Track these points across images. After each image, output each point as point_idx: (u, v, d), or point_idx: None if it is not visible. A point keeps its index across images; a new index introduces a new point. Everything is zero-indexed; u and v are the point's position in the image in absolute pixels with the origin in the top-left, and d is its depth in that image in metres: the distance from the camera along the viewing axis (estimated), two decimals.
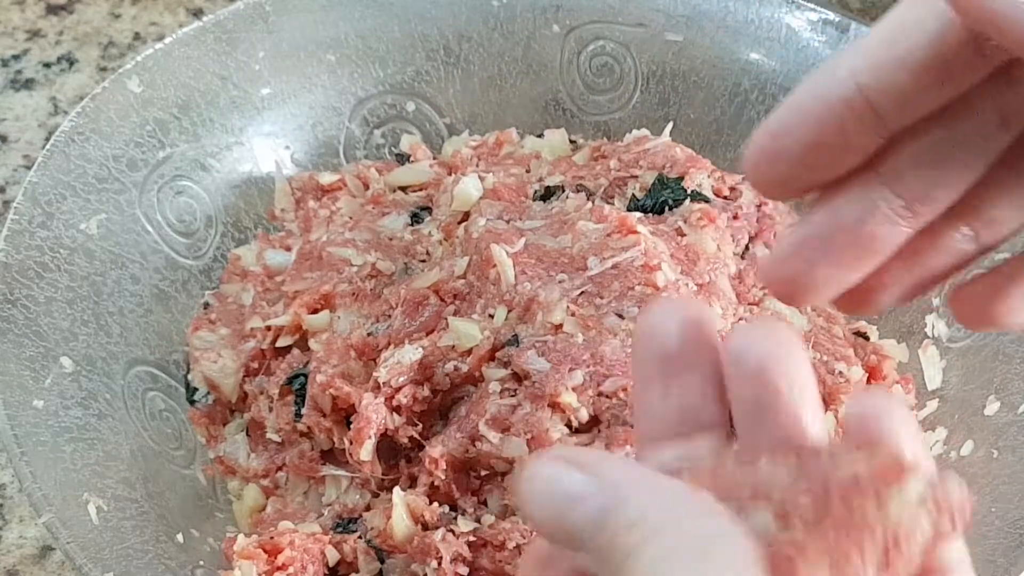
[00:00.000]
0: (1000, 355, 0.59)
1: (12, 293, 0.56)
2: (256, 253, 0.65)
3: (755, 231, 0.63)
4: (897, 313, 0.64)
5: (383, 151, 0.70)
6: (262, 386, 0.59)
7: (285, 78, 0.68)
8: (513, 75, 0.71)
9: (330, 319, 0.59)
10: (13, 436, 0.52)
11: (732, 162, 0.68)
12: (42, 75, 0.79)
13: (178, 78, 0.65)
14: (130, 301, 0.60)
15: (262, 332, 0.60)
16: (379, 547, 0.54)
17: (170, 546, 0.54)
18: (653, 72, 0.70)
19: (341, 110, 0.69)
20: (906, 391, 0.60)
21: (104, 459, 0.54)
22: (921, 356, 0.62)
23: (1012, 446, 0.56)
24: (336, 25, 0.69)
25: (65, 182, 0.60)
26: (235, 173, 0.66)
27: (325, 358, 0.57)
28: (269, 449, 0.59)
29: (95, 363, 0.57)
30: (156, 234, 0.63)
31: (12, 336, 0.55)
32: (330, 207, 0.66)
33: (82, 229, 0.60)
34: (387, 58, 0.69)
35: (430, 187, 0.67)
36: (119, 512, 0.53)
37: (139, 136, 0.63)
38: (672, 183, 0.62)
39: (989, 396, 0.58)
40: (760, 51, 0.69)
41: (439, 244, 0.61)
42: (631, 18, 0.70)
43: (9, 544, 0.60)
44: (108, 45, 0.81)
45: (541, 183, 0.64)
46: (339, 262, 0.61)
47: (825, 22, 0.68)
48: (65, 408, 0.55)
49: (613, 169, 0.64)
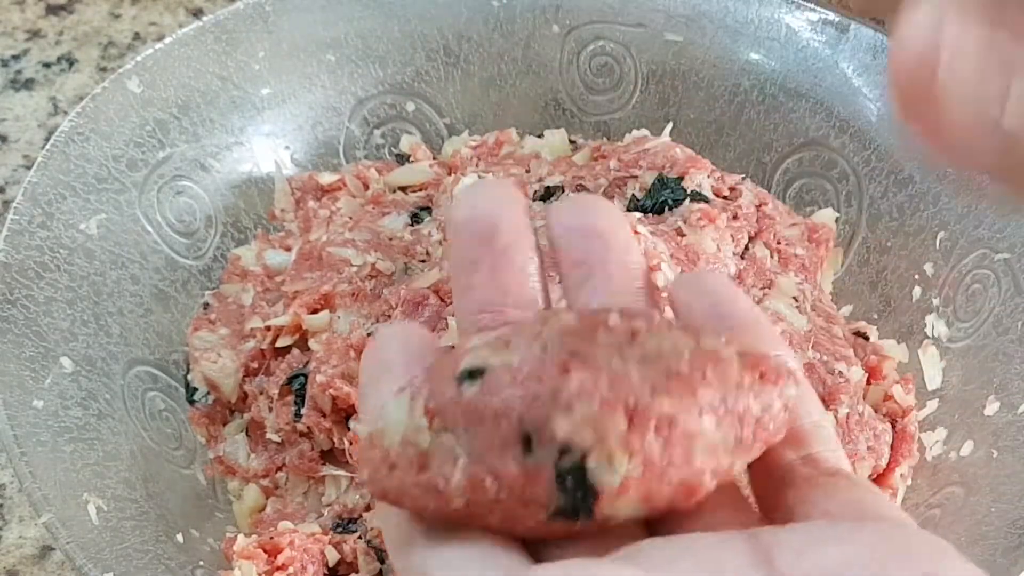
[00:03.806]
0: (1000, 355, 0.59)
1: (12, 293, 0.56)
2: (256, 253, 0.65)
3: (755, 231, 0.63)
4: (897, 313, 0.64)
5: (383, 151, 0.70)
6: (262, 386, 0.59)
7: (285, 78, 0.68)
8: (513, 75, 0.71)
9: (330, 319, 0.59)
10: (13, 436, 0.52)
11: (732, 162, 0.68)
12: (42, 75, 0.79)
13: (178, 78, 0.65)
14: (130, 301, 0.60)
15: (262, 332, 0.60)
16: (379, 547, 0.54)
17: (170, 546, 0.54)
18: (653, 72, 0.70)
19: (341, 110, 0.69)
20: (906, 391, 0.60)
21: (104, 459, 0.54)
22: (921, 356, 0.62)
23: (1012, 446, 0.56)
24: (336, 25, 0.68)
25: (65, 182, 0.60)
26: (235, 173, 0.66)
27: (325, 358, 0.57)
28: (269, 449, 0.59)
29: (95, 363, 0.57)
30: (156, 234, 0.63)
31: (12, 336, 0.55)
32: (330, 207, 0.66)
33: (82, 229, 0.60)
34: (387, 58, 0.69)
35: (430, 187, 0.67)
36: (119, 512, 0.53)
37: (139, 136, 0.63)
38: (672, 183, 0.62)
39: (989, 396, 0.58)
40: (760, 51, 0.69)
41: (439, 244, 0.61)
42: (631, 18, 0.70)
43: (9, 544, 0.60)
44: (108, 45, 0.81)
45: (541, 183, 0.64)
46: (339, 262, 0.61)
47: (825, 22, 0.68)
48: (65, 408, 0.55)
49: (613, 169, 0.64)
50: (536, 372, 0.27)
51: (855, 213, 0.66)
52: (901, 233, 0.65)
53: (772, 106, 0.68)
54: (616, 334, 0.28)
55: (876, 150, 0.66)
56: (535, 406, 0.27)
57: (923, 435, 0.59)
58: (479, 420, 0.27)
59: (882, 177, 0.66)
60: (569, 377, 0.27)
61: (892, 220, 0.65)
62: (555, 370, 0.27)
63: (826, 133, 0.67)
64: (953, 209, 0.63)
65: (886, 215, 0.65)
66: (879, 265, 0.65)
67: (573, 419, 0.27)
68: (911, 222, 0.64)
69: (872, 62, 0.66)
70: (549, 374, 0.27)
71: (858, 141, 0.66)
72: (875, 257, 0.65)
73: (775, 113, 0.68)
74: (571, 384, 0.27)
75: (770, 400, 0.28)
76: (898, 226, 0.65)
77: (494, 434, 0.27)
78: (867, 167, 0.66)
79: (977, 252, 0.61)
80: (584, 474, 0.27)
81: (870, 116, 0.66)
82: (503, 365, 0.28)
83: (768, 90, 0.68)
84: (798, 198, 0.68)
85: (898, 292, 0.64)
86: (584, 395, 0.27)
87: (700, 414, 0.27)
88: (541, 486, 0.27)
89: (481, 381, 0.28)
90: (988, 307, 0.60)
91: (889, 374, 0.61)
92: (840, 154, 0.67)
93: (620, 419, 0.27)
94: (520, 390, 0.27)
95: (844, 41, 0.67)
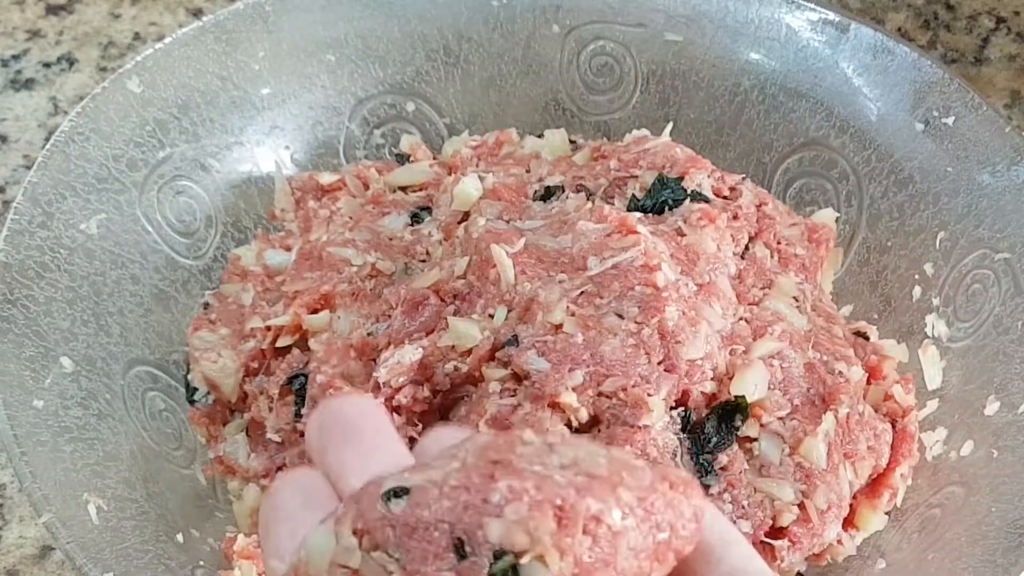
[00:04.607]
0: (1000, 355, 0.59)
1: (12, 293, 0.56)
2: (256, 253, 0.65)
3: (755, 231, 0.63)
4: (897, 313, 0.64)
5: (383, 151, 0.70)
6: (262, 386, 0.59)
7: (285, 78, 0.68)
8: (513, 75, 0.71)
9: (330, 319, 0.59)
10: (13, 436, 0.52)
11: (732, 162, 0.68)
12: (42, 75, 0.79)
13: (178, 78, 0.65)
14: (130, 301, 0.60)
15: (262, 332, 0.60)
16: None
17: (170, 546, 0.54)
18: (653, 72, 0.70)
19: (341, 110, 0.69)
20: (906, 391, 0.60)
21: (104, 459, 0.54)
22: (921, 356, 0.62)
23: (1012, 446, 0.56)
24: (336, 25, 0.69)
25: (65, 182, 0.60)
26: (235, 173, 0.66)
27: (325, 358, 0.57)
28: (269, 449, 0.59)
29: (95, 363, 0.57)
30: (156, 234, 0.63)
31: (12, 336, 0.55)
32: (330, 207, 0.66)
33: (82, 229, 0.60)
34: (387, 58, 0.69)
35: (430, 187, 0.67)
36: (119, 512, 0.53)
37: (139, 136, 0.63)
38: (672, 183, 0.62)
39: (989, 396, 0.58)
40: (760, 51, 0.69)
41: (439, 244, 0.61)
42: (631, 18, 0.70)
43: (9, 544, 0.60)
44: (108, 45, 0.81)
45: (541, 183, 0.64)
46: (339, 262, 0.61)
47: (825, 22, 0.68)
48: (65, 408, 0.55)
49: (613, 169, 0.64)
50: (463, 483, 0.28)
51: (855, 213, 0.66)
52: (901, 233, 0.65)
53: (772, 106, 0.68)
54: (534, 446, 0.29)
55: (876, 150, 0.66)
56: (467, 514, 0.28)
57: (923, 435, 0.59)
58: (410, 533, 0.28)
59: (882, 177, 0.66)
60: (496, 483, 0.28)
61: (892, 220, 0.65)
62: (481, 479, 0.28)
63: (826, 133, 0.67)
64: (953, 209, 0.63)
65: (886, 215, 0.65)
66: (879, 265, 0.65)
67: (506, 522, 0.27)
68: (911, 222, 0.64)
69: (872, 62, 0.66)
70: (476, 484, 0.28)
71: (858, 141, 0.66)
72: (875, 257, 0.65)
73: (775, 113, 0.68)
74: (500, 489, 0.28)
75: (681, 507, 0.29)
76: (898, 226, 0.65)
77: (426, 545, 0.28)
78: (867, 167, 0.66)
79: (977, 252, 0.61)
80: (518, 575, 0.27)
81: (870, 116, 0.66)
82: (428, 482, 0.29)
83: (768, 90, 0.68)
84: (798, 198, 0.68)
85: (898, 292, 0.64)
86: (514, 498, 0.28)
87: (622, 514, 0.28)
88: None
89: (408, 498, 0.28)
90: (988, 307, 0.60)
91: (889, 374, 0.61)
92: (840, 154, 0.67)
93: (550, 519, 0.27)
94: (449, 501, 0.28)
95: (844, 41, 0.67)
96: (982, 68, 0.80)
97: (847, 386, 0.58)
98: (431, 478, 0.29)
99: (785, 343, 0.58)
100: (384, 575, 0.28)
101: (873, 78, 0.66)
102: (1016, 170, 0.61)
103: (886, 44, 0.66)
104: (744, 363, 0.56)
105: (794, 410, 0.56)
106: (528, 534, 0.27)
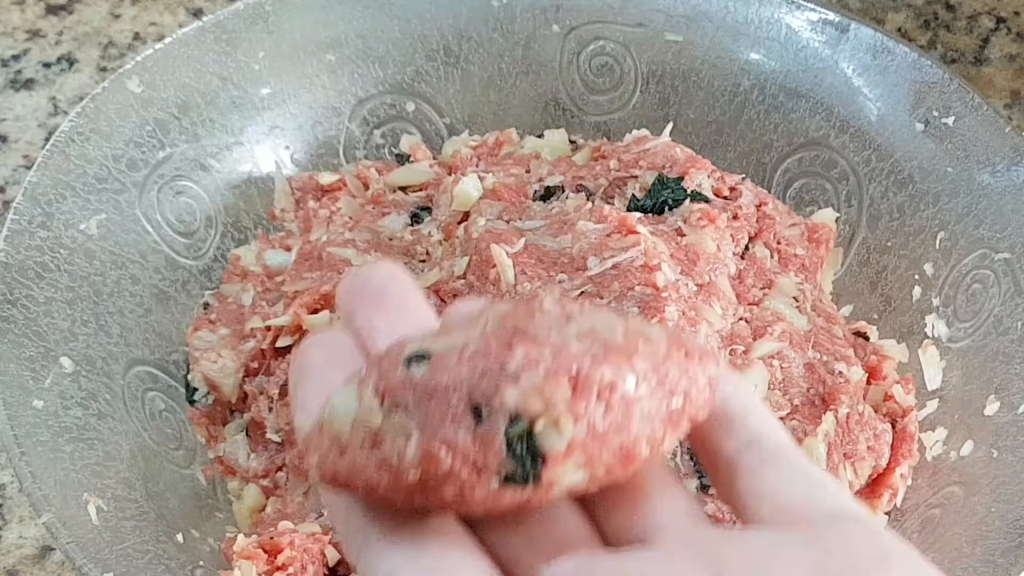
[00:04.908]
0: (1000, 355, 0.59)
1: (12, 293, 0.56)
2: (256, 253, 0.65)
3: (755, 231, 0.63)
4: (897, 313, 0.64)
5: (383, 151, 0.70)
6: (262, 386, 0.59)
7: (285, 78, 0.68)
8: (513, 75, 0.71)
9: (330, 319, 0.59)
10: (13, 436, 0.52)
11: (732, 162, 0.68)
12: (42, 75, 0.79)
13: (178, 78, 0.65)
14: (130, 301, 0.60)
15: (262, 332, 0.60)
16: None
17: (170, 546, 0.54)
18: (653, 72, 0.70)
19: (341, 110, 0.69)
20: (906, 391, 0.60)
21: (104, 459, 0.54)
22: (921, 356, 0.62)
23: (1012, 446, 0.56)
24: (336, 25, 0.69)
25: (65, 182, 0.60)
26: (235, 173, 0.66)
27: None
28: (269, 449, 0.59)
29: (95, 363, 0.57)
30: (156, 234, 0.63)
31: (12, 336, 0.55)
32: (330, 207, 0.66)
33: (82, 229, 0.60)
34: (387, 58, 0.69)
35: (430, 187, 0.67)
36: (119, 512, 0.53)
37: (139, 136, 0.63)
38: (672, 183, 0.62)
39: (989, 396, 0.58)
40: (760, 51, 0.69)
41: (439, 244, 0.61)
42: (631, 18, 0.70)
43: (9, 544, 0.60)
44: (108, 45, 0.81)
45: (541, 183, 0.64)
46: (339, 262, 0.61)
47: (825, 22, 0.68)
48: (65, 408, 0.55)
49: (613, 169, 0.64)
50: (481, 350, 0.29)
51: (855, 213, 0.66)
52: (901, 233, 0.65)
53: (772, 106, 0.68)
54: (552, 315, 0.30)
55: (876, 150, 0.66)
56: (484, 379, 0.29)
57: (923, 435, 0.59)
58: (429, 397, 0.29)
59: (882, 177, 0.66)
60: (514, 351, 0.29)
61: (892, 220, 0.65)
62: (499, 347, 0.29)
63: (826, 133, 0.67)
64: (953, 209, 0.63)
65: (886, 215, 0.65)
66: (879, 265, 0.65)
67: (521, 388, 0.28)
68: (911, 222, 0.64)
69: (872, 62, 0.66)
70: (494, 351, 0.29)
71: (858, 141, 0.66)
72: (875, 257, 0.65)
73: (775, 113, 0.68)
74: (517, 357, 0.29)
75: (695, 375, 0.30)
76: (898, 226, 0.65)
77: (445, 408, 0.29)
78: (867, 167, 0.66)
79: (977, 252, 0.61)
80: (532, 439, 0.28)
81: (870, 116, 0.66)
82: (448, 347, 0.30)
83: (768, 90, 0.68)
84: (798, 198, 0.68)
85: (898, 292, 0.64)
86: (530, 366, 0.29)
87: (636, 382, 0.29)
88: (492, 453, 0.28)
89: (428, 363, 0.29)
90: (988, 307, 0.60)
91: (889, 374, 0.61)
92: (840, 154, 0.67)
93: (565, 386, 0.28)
94: (467, 367, 0.29)
95: (844, 41, 0.67)
96: (982, 68, 0.80)
97: (847, 386, 0.58)
98: (452, 344, 0.30)
99: (785, 343, 0.58)
100: (404, 435, 0.29)
101: (873, 78, 0.66)
102: (1016, 170, 0.61)
103: (886, 44, 0.66)
104: (744, 363, 0.56)
105: (794, 410, 0.56)
106: (543, 400, 0.28)
